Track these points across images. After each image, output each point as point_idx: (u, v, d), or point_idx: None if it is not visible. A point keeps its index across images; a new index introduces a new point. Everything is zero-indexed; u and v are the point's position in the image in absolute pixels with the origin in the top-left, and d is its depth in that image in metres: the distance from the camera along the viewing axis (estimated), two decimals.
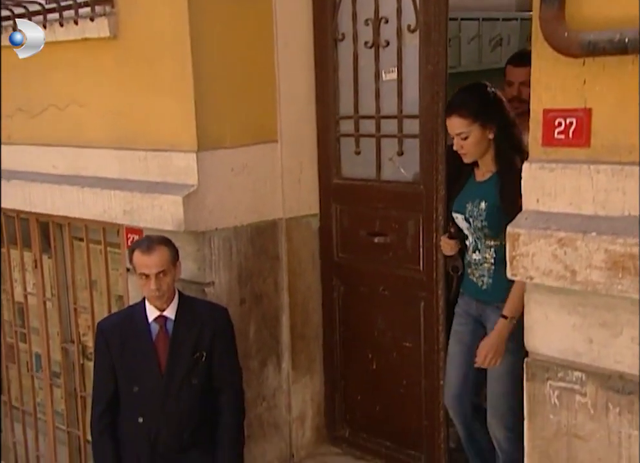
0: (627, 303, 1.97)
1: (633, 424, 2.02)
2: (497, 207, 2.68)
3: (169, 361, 2.92)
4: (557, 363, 2.15)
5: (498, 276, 2.71)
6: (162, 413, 2.92)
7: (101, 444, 3.02)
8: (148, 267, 2.84)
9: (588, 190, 1.99)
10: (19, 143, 4.09)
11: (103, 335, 3.02)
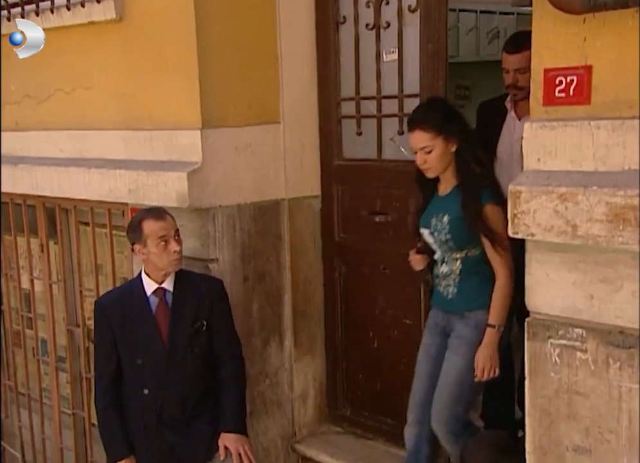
0: (627, 258, 1.95)
1: (633, 378, 1.99)
2: (460, 219, 2.65)
3: (171, 332, 2.90)
4: (558, 321, 2.12)
5: (463, 286, 2.73)
6: (167, 383, 2.90)
7: (108, 418, 2.98)
8: (167, 229, 2.83)
9: (589, 146, 1.97)
10: (26, 129, 4.09)
11: (103, 312, 2.99)
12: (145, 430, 2.95)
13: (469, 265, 2.71)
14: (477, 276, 2.71)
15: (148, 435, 2.95)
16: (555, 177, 2.01)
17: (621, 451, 2.04)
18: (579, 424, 2.12)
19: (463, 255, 2.71)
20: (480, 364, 2.64)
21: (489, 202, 2.58)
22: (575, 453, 2.13)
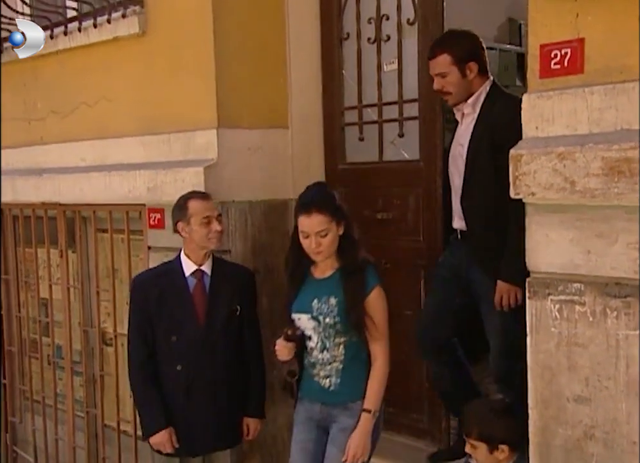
0: (621, 212, 1.97)
1: (630, 326, 1.98)
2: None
3: (208, 312, 2.88)
4: (557, 278, 2.12)
5: (346, 375, 2.48)
6: (200, 361, 2.86)
7: (146, 392, 2.92)
8: (211, 210, 2.87)
9: (583, 110, 2.01)
10: (50, 142, 4.13)
11: (142, 287, 2.97)
12: (173, 409, 2.89)
13: (352, 350, 2.48)
14: (360, 363, 2.48)
15: (175, 415, 2.89)
16: (553, 141, 2.05)
17: (619, 397, 2.02)
18: (578, 374, 2.10)
19: (347, 339, 2.46)
20: (352, 451, 2.40)
21: (376, 285, 2.47)
22: (575, 402, 2.10)
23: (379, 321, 2.45)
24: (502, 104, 2.68)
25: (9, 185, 4.31)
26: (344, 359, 2.47)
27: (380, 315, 2.46)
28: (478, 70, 2.76)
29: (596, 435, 2.07)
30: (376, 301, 2.46)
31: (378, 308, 2.46)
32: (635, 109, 1.93)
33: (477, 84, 2.78)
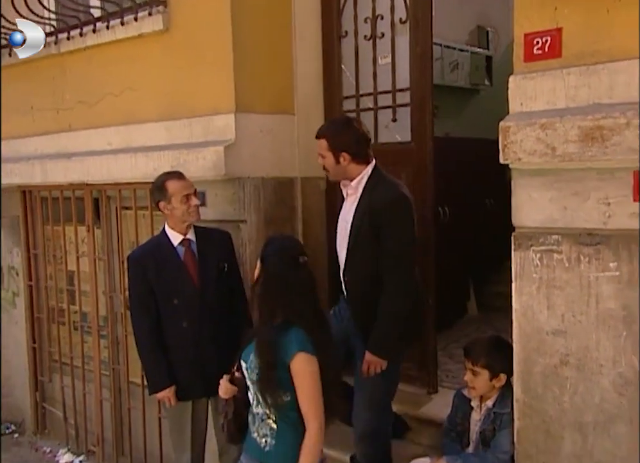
0: (593, 173, 2.14)
1: (599, 268, 2.15)
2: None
3: (200, 274, 2.97)
4: (538, 231, 2.28)
5: (280, 438, 2.13)
6: (201, 316, 2.96)
7: (153, 356, 3.00)
8: (188, 187, 2.94)
9: (562, 88, 2.17)
10: (78, 129, 4.18)
11: (139, 262, 3.02)
12: (184, 359, 2.99)
13: (284, 412, 2.10)
14: (292, 426, 2.11)
15: (185, 364, 2.98)
16: (536, 114, 2.21)
17: (591, 329, 2.19)
18: (556, 311, 2.26)
19: (274, 400, 2.10)
20: None
21: (297, 352, 2.05)
22: (553, 335, 2.27)
23: (303, 390, 2.05)
24: (380, 190, 2.67)
25: (39, 168, 4.36)
26: (276, 418, 2.12)
27: (304, 384, 2.05)
28: (352, 159, 2.70)
29: (570, 362, 2.24)
30: (298, 370, 2.05)
31: (301, 376, 2.05)
32: (604, 87, 2.10)
33: (353, 170, 2.72)
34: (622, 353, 2.13)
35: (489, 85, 6.06)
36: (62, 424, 4.66)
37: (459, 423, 2.66)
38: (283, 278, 2.12)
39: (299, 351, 2.04)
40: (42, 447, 4.66)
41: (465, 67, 5.48)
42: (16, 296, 4.91)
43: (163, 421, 3.85)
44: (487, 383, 2.52)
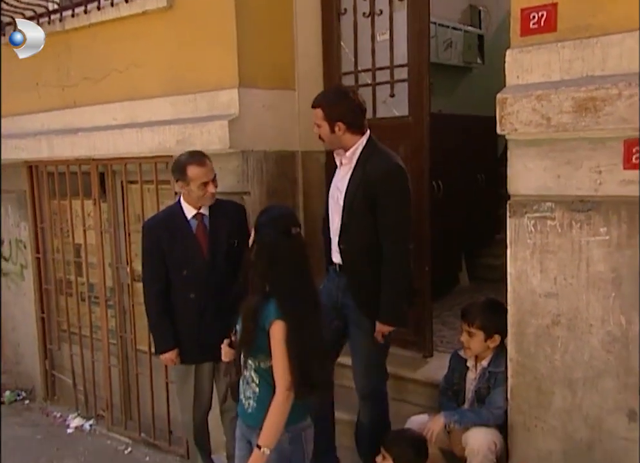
0: (586, 143, 2.19)
1: (590, 233, 2.22)
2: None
3: (210, 247, 2.99)
4: (532, 199, 2.34)
5: (261, 401, 2.16)
6: (208, 289, 2.99)
7: (160, 319, 3.05)
8: (207, 175, 2.92)
9: (556, 62, 2.21)
10: (83, 105, 4.17)
11: (153, 231, 3.05)
12: (189, 327, 3.04)
13: (264, 377, 2.15)
14: (271, 391, 2.12)
15: (192, 332, 3.03)
16: (532, 86, 2.25)
17: (581, 290, 2.26)
18: (548, 275, 2.33)
19: (256, 364, 2.17)
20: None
21: (274, 320, 2.08)
22: (545, 298, 2.34)
23: (274, 356, 2.09)
24: (375, 161, 2.67)
25: (45, 144, 4.36)
26: (258, 382, 2.17)
27: (275, 350, 2.08)
28: (347, 129, 2.70)
29: (561, 322, 2.32)
30: (272, 337, 2.08)
31: (273, 343, 2.08)
32: (597, 59, 2.14)
33: (348, 140, 2.71)
34: (610, 313, 2.20)
35: (481, 63, 6.07)
36: (71, 390, 4.72)
37: (455, 383, 2.74)
38: (274, 247, 2.11)
39: (276, 318, 2.06)
40: (53, 412, 4.72)
41: (458, 45, 5.49)
42: (24, 269, 4.94)
43: (170, 386, 3.93)
44: (482, 344, 2.60)
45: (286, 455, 2.12)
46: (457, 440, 2.61)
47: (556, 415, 2.36)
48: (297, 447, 2.14)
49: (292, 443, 2.13)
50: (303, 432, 2.18)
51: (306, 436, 2.19)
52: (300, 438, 2.16)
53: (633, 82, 2.02)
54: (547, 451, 2.39)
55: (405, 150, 3.45)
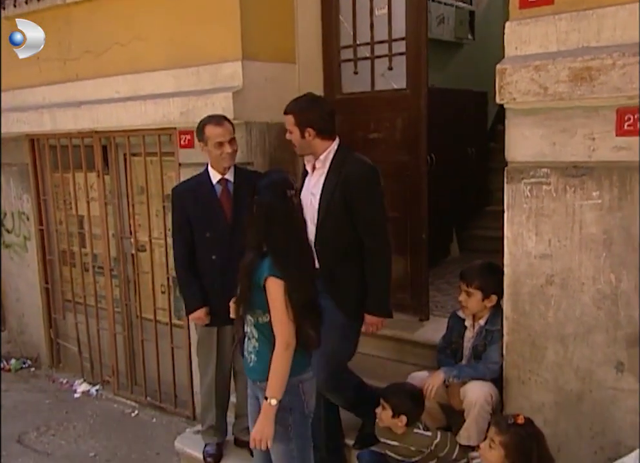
0: (580, 111, 2.27)
1: (583, 197, 2.31)
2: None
3: (234, 211, 3.07)
4: (529, 166, 2.42)
5: (260, 355, 2.25)
6: (230, 251, 3.03)
7: (188, 278, 3.14)
8: (223, 135, 3.00)
9: (553, 33, 2.29)
10: (86, 79, 4.19)
11: (180, 196, 3.14)
12: (211, 290, 3.11)
13: (262, 331, 2.23)
14: (272, 346, 2.18)
15: (214, 294, 3.10)
16: (530, 57, 2.32)
17: (574, 251, 2.37)
18: (543, 238, 2.43)
19: (255, 319, 2.25)
20: (253, 435, 2.19)
21: (268, 276, 2.16)
22: (540, 259, 2.44)
23: (271, 311, 2.17)
24: (351, 164, 2.73)
25: (48, 117, 4.38)
26: (257, 337, 2.26)
27: (271, 305, 2.16)
28: (317, 135, 2.76)
29: (555, 281, 2.43)
30: (268, 292, 2.17)
31: (269, 298, 2.16)
32: (593, 31, 2.21)
33: (318, 145, 2.77)
34: (601, 272, 2.31)
35: (472, 39, 6.12)
36: (76, 358, 4.81)
37: (453, 341, 2.86)
38: (271, 208, 2.21)
39: (269, 275, 2.14)
40: (59, 379, 4.82)
41: (450, 21, 5.54)
42: (27, 240, 4.98)
43: (176, 351, 4.03)
44: (479, 303, 2.71)
45: (285, 406, 2.17)
46: (454, 394, 2.73)
47: (548, 368, 2.48)
48: (295, 398, 2.21)
49: (290, 394, 2.18)
50: (301, 384, 2.24)
51: (304, 388, 2.25)
52: (297, 389, 2.22)
53: (626, 52, 2.10)
54: (539, 403, 2.51)
55: (403, 122, 3.53)
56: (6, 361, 5.12)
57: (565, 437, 2.45)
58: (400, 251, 3.62)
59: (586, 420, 2.42)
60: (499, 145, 6.08)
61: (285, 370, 2.14)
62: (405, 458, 2.67)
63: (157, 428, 3.98)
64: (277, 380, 2.14)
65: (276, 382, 2.14)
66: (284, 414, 2.19)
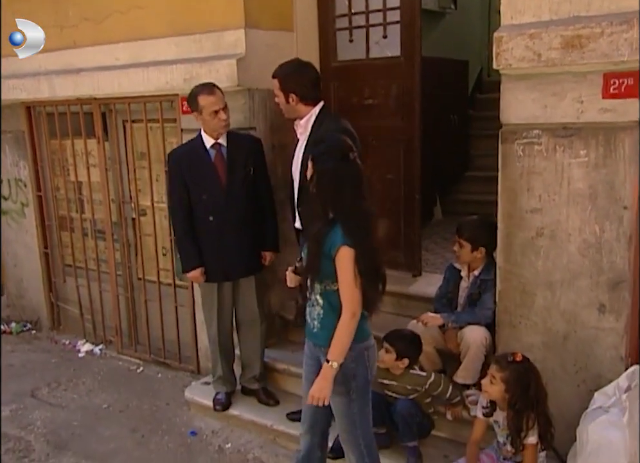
0: (570, 76, 2.46)
1: (572, 155, 2.51)
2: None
3: (228, 174, 3.22)
4: (522, 127, 2.60)
5: (324, 321, 2.29)
6: (226, 212, 3.23)
7: (186, 239, 3.30)
8: (217, 103, 3.12)
9: (546, 3, 2.45)
10: (84, 46, 4.22)
11: (177, 159, 3.28)
12: (209, 249, 3.28)
13: (328, 299, 2.26)
14: (337, 313, 2.23)
15: (212, 252, 3.28)
16: (525, 26, 2.49)
17: (562, 206, 2.58)
18: (534, 194, 2.63)
19: (322, 288, 2.26)
20: (311, 392, 2.24)
21: (341, 246, 2.15)
22: (531, 213, 2.65)
23: (341, 280, 2.18)
24: (325, 126, 2.82)
25: (46, 84, 4.42)
26: (323, 305, 2.28)
27: (342, 275, 2.17)
28: (300, 100, 2.88)
29: (545, 233, 2.64)
30: (339, 262, 2.17)
31: (340, 267, 2.17)
32: (583, 1, 2.39)
33: (301, 110, 2.89)
34: (586, 223, 2.53)
35: (454, 9, 6.25)
36: (77, 320, 4.93)
37: (449, 291, 3.08)
38: (334, 173, 2.15)
39: (342, 245, 2.14)
40: (61, 340, 4.95)
41: None
42: (25, 207, 5.04)
43: (180, 309, 4.19)
44: (469, 254, 2.93)
45: (351, 373, 2.25)
46: (450, 339, 2.96)
47: (537, 312, 2.71)
48: (361, 365, 2.26)
49: (355, 361, 2.25)
50: (366, 351, 2.29)
51: (369, 355, 2.30)
52: (363, 356, 2.27)
53: (614, 22, 2.28)
54: (529, 344, 2.75)
55: (397, 89, 3.68)
56: (6, 324, 5.22)
57: (552, 373, 2.69)
58: (393, 211, 3.82)
59: (570, 357, 2.66)
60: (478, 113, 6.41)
61: (350, 337, 2.19)
62: (401, 396, 2.89)
63: (163, 382, 4.15)
64: (342, 345, 2.18)
65: (340, 347, 2.19)
66: (348, 380, 2.26)
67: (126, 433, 3.53)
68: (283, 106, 2.97)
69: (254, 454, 3.24)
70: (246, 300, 3.39)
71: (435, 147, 5.24)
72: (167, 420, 3.64)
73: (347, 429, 2.38)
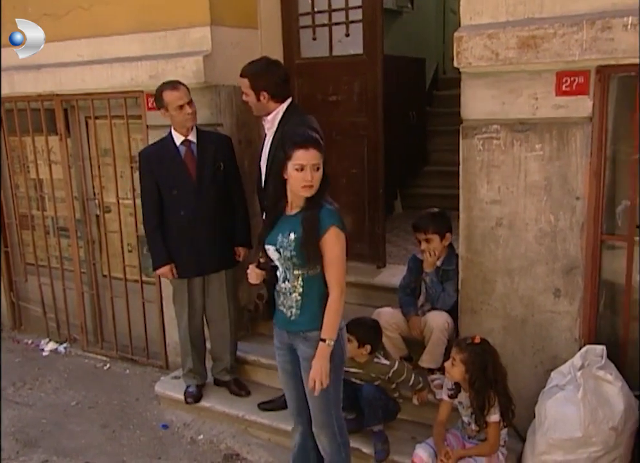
0: (526, 74, 2.60)
1: (528, 149, 2.66)
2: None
3: (198, 170, 3.27)
4: (481, 123, 2.73)
5: (304, 307, 2.39)
6: (196, 207, 3.27)
7: (155, 236, 3.33)
8: (181, 98, 3.18)
9: (503, 5, 2.58)
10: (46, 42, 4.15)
11: (147, 158, 3.31)
12: (181, 243, 3.32)
13: (309, 284, 2.37)
14: (317, 297, 2.37)
15: (183, 247, 3.32)
16: (483, 27, 2.61)
17: (520, 197, 2.72)
18: (494, 186, 2.77)
19: (304, 273, 2.36)
20: (312, 379, 2.34)
21: (331, 225, 2.29)
22: (491, 204, 2.78)
23: (332, 259, 2.31)
24: (292, 122, 2.88)
25: (6, 81, 4.34)
26: (302, 291, 2.37)
27: (333, 254, 2.30)
28: (271, 98, 2.94)
29: (503, 223, 2.78)
30: (330, 241, 2.30)
31: (331, 247, 2.30)
32: (537, 4, 2.53)
33: (272, 107, 2.96)
34: (542, 213, 2.68)
35: (411, 8, 6.40)
36: (40, 319, 4.87)
37: (413, 281, 3.20)
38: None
39: (332, 224, 2.28)
40: (23, 340, 4.88)
41: None
42: None
43: (148, 306, 4.20)
44: (439, 244, 3.05)
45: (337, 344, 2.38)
46: (414, 325, 3.08)
47: (497, 298, 2.86)
48: (337, 344, 2.37)
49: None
50: (341, 331, 2.42)
51: (342, 335, 2.45)
52: (339, 336, 2.39)
53: (565, 23, 2.42)
54: (489, 328, 2.89)
55: (360, 85, 3.79)
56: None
57: (512, 356, 2.84)
58: (358, 204, 3.93)
59: (528, 340, 2.82)
60: (435, 109, 6.58)
61: (340, 314, 2.34)
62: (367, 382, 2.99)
63: (131, 378, 4.16)
64: (335, 323, 2.32)
65: (334, 325, 2.32)
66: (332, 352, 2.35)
67: (97, 429, 3.54)
68: (253, 104, 3.02)
69: (226, 444, 3.29)
70: (217, 295, 3.44)
71: (395, 143, 5.39)
72: (138, 415, 3.66)
73: (322, 408, 2.46)
